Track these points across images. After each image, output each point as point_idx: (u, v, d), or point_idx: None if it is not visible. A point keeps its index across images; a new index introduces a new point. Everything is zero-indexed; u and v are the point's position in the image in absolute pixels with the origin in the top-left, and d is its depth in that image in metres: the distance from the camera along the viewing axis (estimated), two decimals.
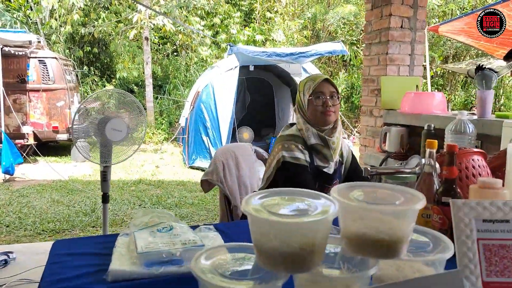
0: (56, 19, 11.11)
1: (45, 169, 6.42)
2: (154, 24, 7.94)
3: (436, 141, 1.18)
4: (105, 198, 2.78)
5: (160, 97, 11.08)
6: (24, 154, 6.51)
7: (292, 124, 1.95)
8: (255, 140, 8.50)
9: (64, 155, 7.38)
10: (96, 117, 2.63)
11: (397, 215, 0.66)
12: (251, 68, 6.99)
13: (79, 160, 7.08)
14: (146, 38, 9.00)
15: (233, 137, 7.48)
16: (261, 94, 9.02)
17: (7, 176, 5.60)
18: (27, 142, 6.66)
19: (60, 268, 1.04)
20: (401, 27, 3.20)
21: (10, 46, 6.45)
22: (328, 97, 1.81)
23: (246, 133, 8.50)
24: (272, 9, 13.54)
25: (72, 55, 11.15)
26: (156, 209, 3.22)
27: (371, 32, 3.39)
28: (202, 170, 6.73)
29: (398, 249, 0.67)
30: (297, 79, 7.86)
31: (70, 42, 11.68)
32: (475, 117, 2.44)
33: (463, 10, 10.24)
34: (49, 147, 7.37)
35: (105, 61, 13.12)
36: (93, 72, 11.99)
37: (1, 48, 6.17)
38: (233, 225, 1.40)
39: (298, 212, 0.64)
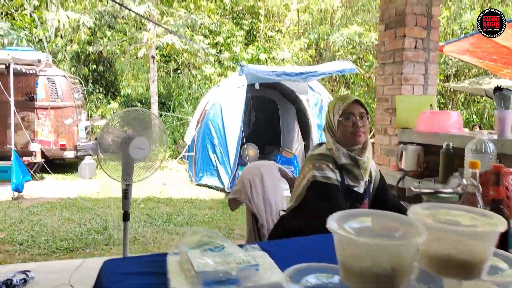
0: (62, 37, 11.26)
1: (52, 187, 6.42)
2: (162, 43, 8.05)
3: (479, 162, 1.22)
4: (126, 216, 2.79)
5: (165, 115, 11.14)
6: (32, 172, 6.51)
7: (320, 144, 1.98)
8: (259, 158, 8.53)
9: (70, 173, 7.38)
10: (119, 135, 2.66)
11: (481, 237, 0.69)
12: (257, 86, 7.07)
13: (86, 177, 7.08)
14: (153, 57, 9.10)
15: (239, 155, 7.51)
16: (265, 112, 9.10)
17: (16, 194, 5.59)
18: (35, 159, 6.67)
19: None
20: (415, 47, 3.27)
21: (19, 64, 6.52)
22: (358, 118, 1.84)
23: (252, 150, 8.53)
24: (274, 29, 13.77)
25: (78, 73, 11.26)
26: (203, 228, 3.23)
27: (384, 52, 3.46)
28: (210, 187, 6.73)
29: (480, 270, 0.69)
30: (303, 97, 7.94)
31: (75, 60, 11.81)
32: (495, 136, 2.48)
33: (463, 29, 10.43)
34: (56, 165, 7.37)
35: (110, 78, 13.24)
36: (97, 90, 12.08)
37: (8, 66, 6.22)
38: (276, 244, 1.41)
39: (387, 233, 0.67)
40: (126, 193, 2.75)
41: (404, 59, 3.25)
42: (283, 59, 10.80)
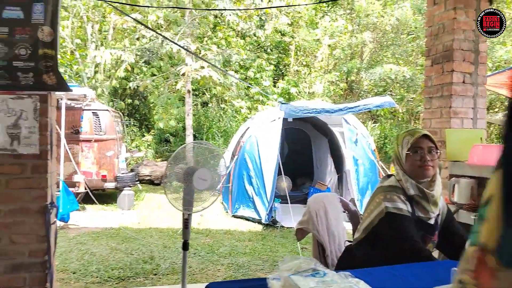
0: (101, 73, 11.84)
1: (94, 216, 6.60)
2: (200, 76, 8.38)
3: None
4: (185, 246, 2.88)
5: (197, 147, 11.36)
6: None
7: (389, 176, 2.05)
8: (292, 190, 8.55)
9: (110, 203, 7.59)
10: (183, 166, 2.79)
11: None
12: (290, 119, 7.22)
13: (125, 208, 7.26)
14: (189, 91, 9.44)
15: None
16: (297, 143, 9.18)
17: (61, 224, 5.78)
18: (78, 190, 6.90)
19: None
20: (463, 82, 3.34)
21: (68, 99, 6.90)
22: (427, 152, 1.91)
23: (285, 182, 8.57)
24: (301, 63, 14.09)
25: (115, 107, 11.73)
26: (299, 255, 3.29)
27: (431, 87, 3.54)
28: (246, 219, 6.78)
29: None
30: (336, 129, 8.04)
31: (112, 95, 12.34)
32: None
33: (495, 64, 10.43)
34: (96, 195, 7.59)
35: (143, 112, 13.73)
36: (132, 123, 12.52)
37: (60, 100, 6.60)
38: (363, 272, 1.47)
39: None
40: (186, 222, 2.85)
41: (453, 93, 3.31)
42: (313, 93, 10.99)
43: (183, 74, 9.60)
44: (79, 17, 11.94)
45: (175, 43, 6.85)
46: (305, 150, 9.04)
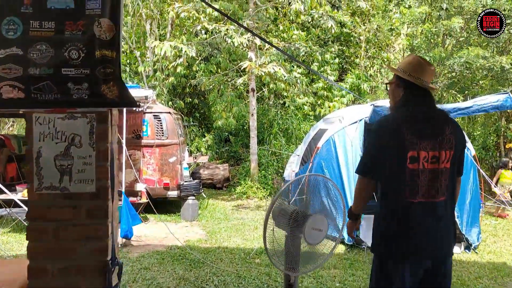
0: (160, 71, 11.43)
1: (157, 230, 6.08)
2: (264, 73, 7.59)
3: None
4: None
5: (259, 148, 10.65)
6: (137, 213, 6.24)
7: None
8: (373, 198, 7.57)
9: (173, 213, 7.06)
10: (289, 208, 2.01)
11: None
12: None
13: (188, 219, 6.69)
14: (253, 89, 8.71)
15: None
16: None
17: (124, 240, 5.27)
18: (140, 200, 6.41)
19: None
20: None
21: None
22: None
23: None
24: (371, 57, 12.84)
25: (174, 106, 11.30)
26: None
27: None
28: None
29: None
30: None
31: (172, 94, 11.92)
32: None
33: None
34: (158, 204, 7.09)
35: (203, 111, 13.23)
36: (192, 123, 12.05)
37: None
38: None
39: None
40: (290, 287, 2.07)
41: None
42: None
43: (244, 70, 8.88)
44: (138, 14, 11.61)
45: (251, 31, 6.04)
46: None
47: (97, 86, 1.82)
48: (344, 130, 6.23)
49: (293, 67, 11.96)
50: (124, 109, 5.70)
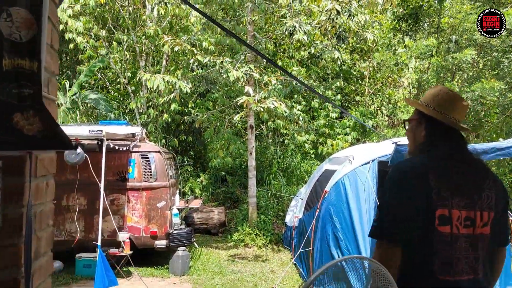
0: (153, 108, 10.84)
1: None
2: (263, 108, 6.98)
3: None
4: None
5: (258, 190, 9.87)
6: (118, 268, 5.41)
7: None
8: None
9: (161, 265, 6.19)
10: None
11: None
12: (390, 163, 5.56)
13: (178, 273, 5.83)
14: (251, 126, 8.07)
15: None
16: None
17: None
18: (122, 252, 5.58)
19: None
20: None
21: (112, 140, 5.71)
22: None
23: None
24: (374, 92, 12.38)
25: (167, 145, 10.63)
26: None
27: None
28: None
29: None
30: None
31: (165, 131, 11.28)
32: None
33: None
34: (144, 255, 6.25)
35: (198, 149, 12.55)
36: (186, 162, 11.33)
37: (101, 143, 5.39)
38: None
39: None
40: None
41: None
42: (396, 125, 9.23)
43: (242, 106, 8.29)
44: (132, 49, 11.18)
45: (253, 49, 5.44)
46: None
47: (5, 115, 1.13)
48: (355, 171, 5.54)
49: (294, 103, 11.45)
50: (104, 148, 5.00)
